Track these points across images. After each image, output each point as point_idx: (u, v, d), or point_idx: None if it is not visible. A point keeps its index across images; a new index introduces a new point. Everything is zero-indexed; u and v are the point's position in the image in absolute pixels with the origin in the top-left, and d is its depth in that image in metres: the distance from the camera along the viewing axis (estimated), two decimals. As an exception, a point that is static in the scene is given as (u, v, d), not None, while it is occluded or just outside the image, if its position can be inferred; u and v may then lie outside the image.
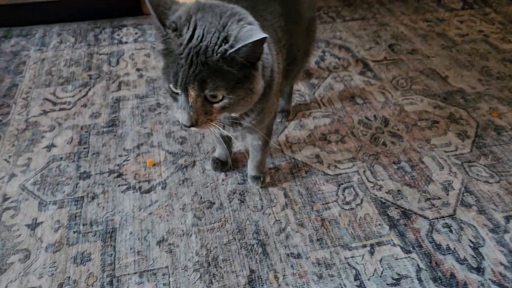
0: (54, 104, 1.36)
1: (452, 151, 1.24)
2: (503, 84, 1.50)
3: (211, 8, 0.67)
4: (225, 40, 0.63)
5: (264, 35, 0.60)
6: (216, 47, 0.62)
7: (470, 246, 0.99)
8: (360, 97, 1.44)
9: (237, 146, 1.25)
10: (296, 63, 1.04)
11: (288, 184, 1.14)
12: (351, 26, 1.82)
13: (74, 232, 1.01)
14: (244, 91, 0.67)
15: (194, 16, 0.66)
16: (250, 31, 0.62)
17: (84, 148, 1.21)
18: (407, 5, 1.98)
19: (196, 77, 0.63)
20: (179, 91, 0.66)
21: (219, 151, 1.15)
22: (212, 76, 0.63)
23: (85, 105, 1.36)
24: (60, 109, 1.34)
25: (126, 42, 1.67)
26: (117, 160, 1.18)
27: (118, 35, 1.71)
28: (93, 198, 1.08)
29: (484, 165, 1.20)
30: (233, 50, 0.61)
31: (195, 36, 0.64)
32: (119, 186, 1.12)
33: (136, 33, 1.72)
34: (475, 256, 0.97)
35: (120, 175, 1.14)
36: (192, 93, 0.65)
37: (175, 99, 0.69)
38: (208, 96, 0.66)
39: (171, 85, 0.67)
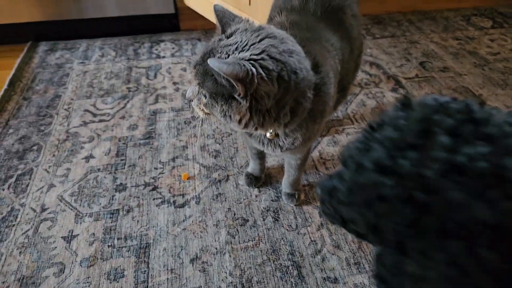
0: (94, 115, 1.28)
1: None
2: (540, 104, 1.32)
3: (258, 33, 0.62)
4: (227, 57, 0.60)
5: (249, 69, 0.56)
6: (219, 56, 0.61)
7: None
8: (393, 114, 1.29)
9: (271, 161, 1.12)
10: (343, 94, 0.95)
11: (322, 202, 1.00)
12: (381, 44, 1.67)
13: (108, 246, 0.90)
14: (219, 108, 0.64)
15: (246, 32, 0.62)
16: (234, 65, 0.56)
17: (121, 160, 1.12)
18: (437, 24, 1.81)
19: (196, 66, 0.66)
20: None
21: (253, 166, 1.03)
22: (202, 74, 0.64)
23: (123, 117, 1.27)
24: (100, 121, 1.25)
25: (163, 57, 1.58)
26: (153, 172, 1.08)
27: (156, 49, 1.62)
28: (128, 212, 0.98)
29: None
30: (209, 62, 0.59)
31: (227, 41, 0.62)
32: (154, 199, 1.01)
33: (173, 48, 1.63)
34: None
35: (155, 188, 1.04)
36: (192, 76, 0.68)
37: None
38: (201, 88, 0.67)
39: None
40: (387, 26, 1.79)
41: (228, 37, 0.64)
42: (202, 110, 0.69)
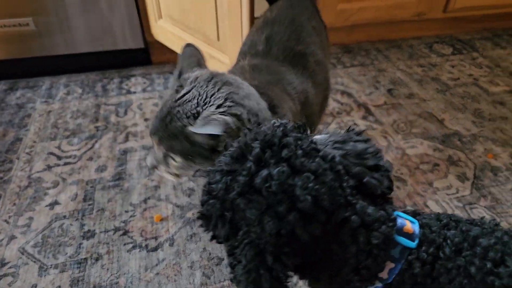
0: (59, 158, 1.27)
1: (453, 193, 1.17)
2: (495, 126, 1.46)
3: (214, 84, 0.65)
4: (195, 115, 0.62)
5: (216, 133, 0.59)
6: (184, 117, 0.62)
7: None
8: (364, 142, 1.37)
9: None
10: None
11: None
12: (351, 72, 1.79)
13: (76, 299, 0.88)
14: (201, 164, 0.66)
15: (197, 83, 0.65)
16: (214, 121, 0.60)
17: (89, 205, 1.11)
18: (402, 51, 1.98)
19: (157, 132, 0.66)
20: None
21: None
22: (168, 139, 0.64)
23: (91, 158, 1.27)
24: (65, 164, 1.25)
25: (134, 92, 1.61)
26: (123, 216, 1.08)
27: (127, 85, 1.65)
28: (97, 260, 0.97)
29: (484, 207, 1.13)
30: (189, 128, 0.61)
31: (182, 99, 0.63)
32: (124, 244, 1.01)
33: (144, 83, 1.67)
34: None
35: (126, 232, 1.04)
36: (154, 143, 0.69)
37: None
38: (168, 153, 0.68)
39: None
40: (356, 55, 1.93)
41: (180, 93, 0.64)
42: (174, 173, 0.71)
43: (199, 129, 0.60)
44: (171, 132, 0.63)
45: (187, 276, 0.94)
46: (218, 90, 0.64)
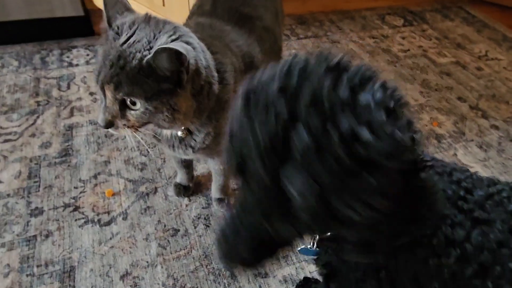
0: (-2, 135, 1.26)
1: (403, 161, 1.32)
2: (440, 95, 1.63)
3: (156, 22, 0.69)
4: (149, 49, 0.65)
5: (178, 49, 0.61)
6: (138, 53, 0.64)
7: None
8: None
9: (200, 169, 1.23)
10: None
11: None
12: (306, 44, 1.88)
13: (27, 275, 0.93)
14: (164, 106, 0.67)
15: (137, 25, 0.67)
16: (170, 44, 0.63)
17: (35, 182, 1.13)
18: (355, 23, 2.09)
19: (112, 79, 0.64)
20: (99, 89, 0.68)
21: (180, 176, 1.13)
22: (128, 81, 0.64)
23: (33, 135, 1.27)
24: (5, 141, 1.24)
25: (77, 65, 1.59)
26: (73, 192, 1.12)
27: (68, 57, 1.62)
28: (47, 236, 1.01)
29: None
30: (148, 57, 0.63)
31: (128, 41, 0.65)
32: (76, 220, 1.05)
33: (87, 55, 1.64)
34: None
35: (76, 208, 1.08)
36: (108, 94, 0.66)
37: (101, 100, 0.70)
38: (127, 101, 0.66)
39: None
40: (310, 26, 2.02)
41: (122, 35, 0.65)
42: (132, 126, 0.69)
43: (159, 55, 0.61)
44: (129, 74, 0.63)
45: (142, 248, 1.01)
46: (163, 26, 0.67)
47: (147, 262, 0.98)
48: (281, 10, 1.18)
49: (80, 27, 1.70)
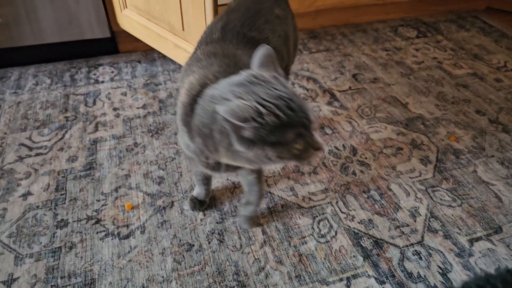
0: (30, 149, 1.28)
1: (416, 176, 1.24)
2: (458, 108, 1.53)
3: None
4: None
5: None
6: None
7: (439, 273, 0.98)
8: (329, 127, 1.43)
9: (215, 183, 1.20)
10: None
11: (265, 220, 1.10)
12: (317, 58, 1.82)
13: (52, 286, 0.93)
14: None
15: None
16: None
17: (61, 195, 1.14)
18: (367, 36, 2.01)
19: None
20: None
21: (198, 191, 1.11)
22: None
23: (61, 149, 1.28)
24: (36, 154, 1.26)
25: (102, 82, 1.60)
26: (95, 205, 1.12)
27: (95, 74, 1.64)
28: (71, 248, 1.01)
29: (446, 189, 1.20)
30: None
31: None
32: (97, 233, 1.05)
33: (112, 72, 1.66)
34: (444, 282, 0.96)
35: (98, 221, 1.08)
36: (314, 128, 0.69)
37: None
38: None
39: None
40: (322, 40, 1.96)
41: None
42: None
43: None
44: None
45: (158, 262, 0.99)
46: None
47: (163, 277, 0.96)
48: (295, 35, 1.14)
49: (106, 47, 1.73)
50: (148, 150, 1.29)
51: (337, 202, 1.15)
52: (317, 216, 1.11)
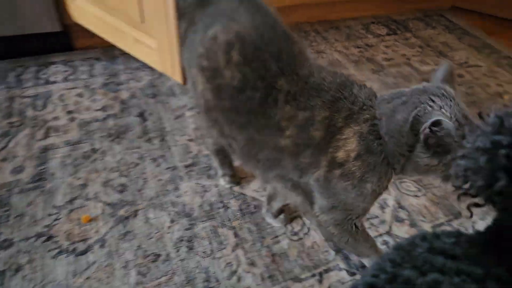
0: (-33, 159, 1.15)
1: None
2: (426, 103, 1.58)
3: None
4: None
5: None
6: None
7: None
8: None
9: (183, 187, 1.14)
10: None
11: (237, 222, 1.06)
12: (288, 55, 1.81)
13: (-7, 316, 0.83)
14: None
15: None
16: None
17: (5, 211, 1.02)
18: (340, 32, 2.04)
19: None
20: None
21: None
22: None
23: (5, 159, 1.16)
24: (-26, 166, 1.14)
25: (54, 82, 1.48)
26: (46, 220, 1.02)
27: (45, 74, 1.52)
28: (17, 271, 0.91)
29: (412, 180, 1.26)
30: None
31: None
32: (49, 251, 0.95)
33: (66, 71, 1.54)
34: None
35: (49, 238, 0.98)
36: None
37: None
38: None
39: None
40: (294, 37, 1.95)
41: None
42: None
43: None
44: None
45: (120, 277, 0.92)
46: None
47: (125, 294, 0.89)
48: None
49: (58, 43, 1.60)
50: (108, 156, 1.21)
51: (313, 203, 1.13)
52: (290, 215, 1.09)
